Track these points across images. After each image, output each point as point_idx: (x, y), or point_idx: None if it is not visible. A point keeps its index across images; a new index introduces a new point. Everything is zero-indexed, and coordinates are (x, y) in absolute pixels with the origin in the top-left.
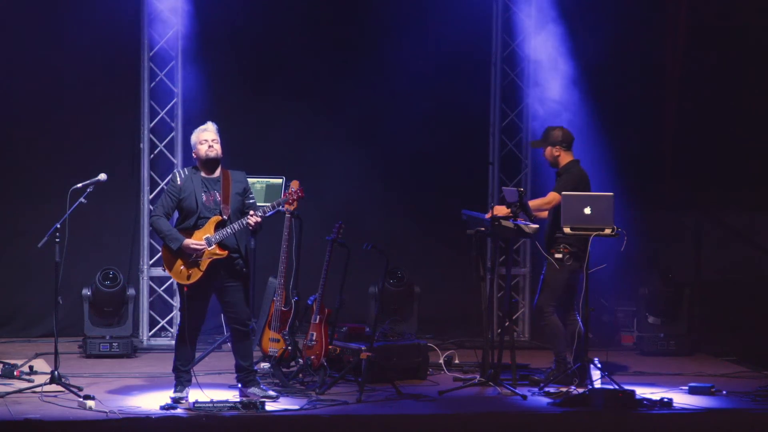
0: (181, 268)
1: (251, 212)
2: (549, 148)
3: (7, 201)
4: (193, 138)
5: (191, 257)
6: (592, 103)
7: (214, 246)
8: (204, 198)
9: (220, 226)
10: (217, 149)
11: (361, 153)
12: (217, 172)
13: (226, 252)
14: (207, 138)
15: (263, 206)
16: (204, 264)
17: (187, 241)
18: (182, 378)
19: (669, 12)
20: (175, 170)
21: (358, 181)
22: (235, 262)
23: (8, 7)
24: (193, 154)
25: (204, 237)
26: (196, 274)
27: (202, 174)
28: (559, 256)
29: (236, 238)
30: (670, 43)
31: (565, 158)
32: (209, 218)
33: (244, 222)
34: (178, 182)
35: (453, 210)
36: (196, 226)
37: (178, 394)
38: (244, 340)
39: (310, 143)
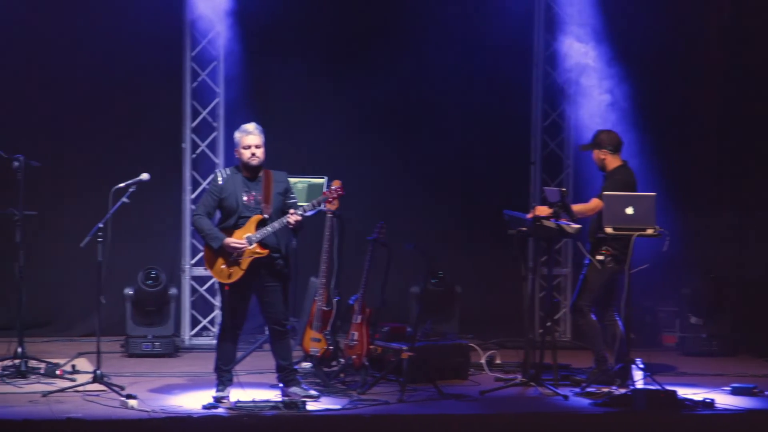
0: (222, 266)
1: (291, 211)
2: (596, 151)
3: (50, 201)
4: (237, 138)
5: (232, 256)
6: (635, 102)
7: (254, 245)
8: (245, 198)
9: (260, 225)
10: (259, 156)
11: (403, 153)
12: (259, 173)
13: (267, 251)
14: (250, 143)
15: (303, 205)
16: (245, 263)
17: (228, 240)
18: (224, 377)
19: (711, 7)
20: (216, 170)
21: (400, 180)
22: (275, 262)
23: (51, 7)
24: (236, 153)
25: (245, 236)
26: (237, 273)
27: (244, 174)
28: (600, 257)
29: (277, 237)
30: (712, 39)
31: (612, 162)
32: (250, 217)
33: (285, 221)
34: (220, 182)
35: (494, 210)
36: (237, 226)
37: (220, 394)
38: (282, 339)
39: (352, 143)
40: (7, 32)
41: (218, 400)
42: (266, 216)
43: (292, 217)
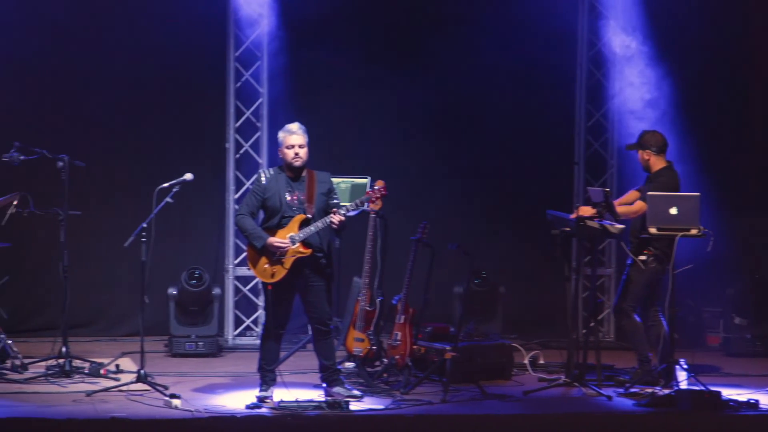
0: (266, 266)
1: (334, 210)
2: (641, 152)
3: (94, 200)
4: (280, 138)
5: (275, 255)
6: (679, 102)
7: (297, 244)
8: (288, 197)
9: (304, 224)
10: (302, 157)
11: (446, 152)
12: (303, 173)
13: (310, 250)
14: (294, 143)
15: (347, 205)
16: (288, 262)
17: (271, 240)
18: (267, 377)
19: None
20: (260, 170)
21: (444, 180)
22: (318, 261)
23: (95, 8)
24: (279, 153)
25: (288, 235)
26: (280, 273)
27: (287, 174)
28: (643, 258)
29: (320, 237)
30: (758, 39)
31: (656, 163)
32: (293, 217)
33: (328, 220)
34: (263, 181)
35: (538, 210)
36: (280, 225)
37: (264, 393)
38: (325, 339)
39: (395, 142)
40: (51, 33)
41: (262, 399)
42: (309, 216)
43: (335, 217)
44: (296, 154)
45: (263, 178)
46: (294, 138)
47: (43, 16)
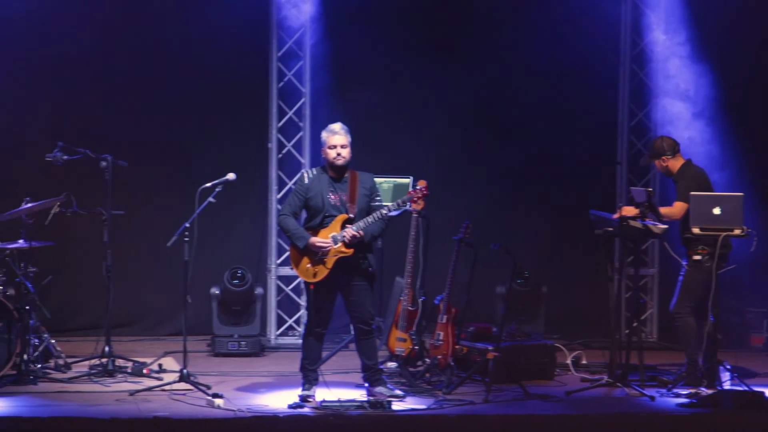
0: (308, 266)
1: (348, 227)
2: (657, 162)
3: (137, 200)
4: (323, 137)
5: (317, 255)
6: (722, 101)
7: (339, 244)
8: (331, 197)
9: (346, 224)
10: (345, 156)
11: (489, 152)
12: (345, 173)
13: (352, 250)
14: (336, 143)
15: (388, 205)
16: (330, 262)
17: (313, 240)
18: (310, 377)
19: None
20: (303, 170)
21: (486, 180)
22: (361, 261)
23: (137, 9)
24: (322, 153)
25: (330, 235)
26: (323, 272)
27: (330, 174)
28: (697, 258)
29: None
30: None
31: (675, 164)
32: (335, 217)
33: (372, 218)
34: (306, 182)
35: (580, 210)
36: (322, 225)
37: (306, 393)
38: (367, 339)
39: (437, 142)
40: (96, 33)
41: (304, 399)
42: (351, 215)
43: (348, 232)
44: (338, 153)
45: (306, 178)
46: (336, 138)
47: (88, 16)
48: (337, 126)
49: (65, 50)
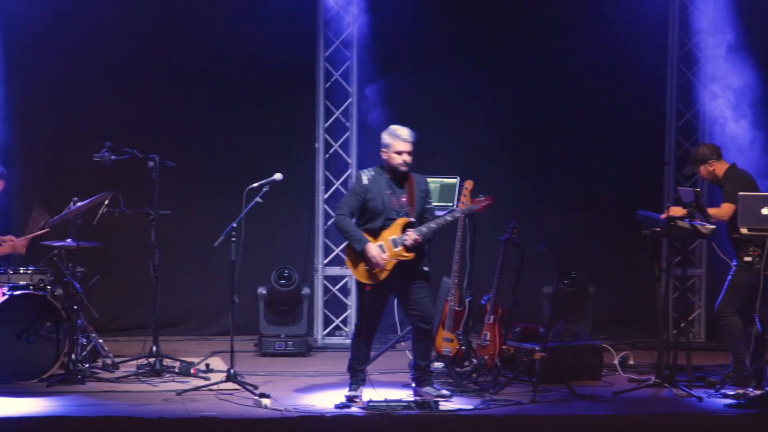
0: (366, 267)
1: (409, 231)
2: (702, 168)
3: (184, 200)
4: (389, 141)
5: (373, 265)
6: None
7: (400, 248)
8: (390, 200)
9: (406, 228)
10: (409, 163)
11: (535, 152)
12: (406, 177)
13: (413, 254)
14: (404, 149)
15: (453, 212)
16: (390, 264)
17: (370, 251)
18: (357, 377)
19: None
20: (361, 171)
21: (533, 180)
22: (416, 262)
23: (184, 8)
24: (383, 153)
25: (390, 238)
26: (381, 274)
27: (388, 176)
28: (748, 259)
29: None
30: None
31: (720, 168)
32: (395, 220)
33: (435, 225)
34: (365, 182)
35: (628, 210)
36: (384, 227)
37: (353, 393)
38: (426, 338)
39: (484, 142)
40: (143, 32)
41: (351, 399)
42: (412, 219)
43: (410, 237)
44: (405, 160)
45: (365, 179)
46: (405, 145)
47: (135, 14)
48: (405, 132)
49: (113, 49)
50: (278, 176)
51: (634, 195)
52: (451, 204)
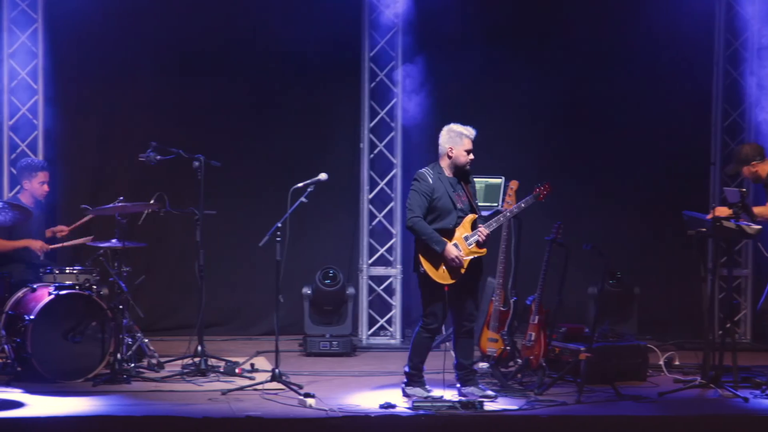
0: (444, 267)
1: (480, 227)
2: (745, 169)
3: (229, 200)
4: (459, 139)
5: (453, 263)
6: None
7: (474, 245)
8: (458, 198)
9: (475, 224)
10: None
11: (581, 152)
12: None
13: (485, 250)
14: (471, 148)
15: (519, 204)
16: (466, 263)
17: (452, 252)
18: (415, 377)
19: None
20: (422, 171)
21: (578, 180)
22: (478, 260)
23: (229, 8)
24: (448, 151)
25: (462, 236)
26: (459, 274)
27: (448, 174)
28: None
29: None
30: None
31: (764, 169)
32: (463, 217)
33: (496, 221)
34: (430, 181)
35: (673, 210)
36: (456, 225)
37: (419, 392)
38: (469, 337)
39: (528, 143)
40: (187, 33)
41: (426, 399)
42: (481, 214)
43: (482, 233)
44: (471, 159)
45: (429, 179)
46: (471, 143)
47: (185, 14)
48: (472, 131)
49: (161, 46)
50: (323, 176)
51: (680, 195)
52: (496, 204)
